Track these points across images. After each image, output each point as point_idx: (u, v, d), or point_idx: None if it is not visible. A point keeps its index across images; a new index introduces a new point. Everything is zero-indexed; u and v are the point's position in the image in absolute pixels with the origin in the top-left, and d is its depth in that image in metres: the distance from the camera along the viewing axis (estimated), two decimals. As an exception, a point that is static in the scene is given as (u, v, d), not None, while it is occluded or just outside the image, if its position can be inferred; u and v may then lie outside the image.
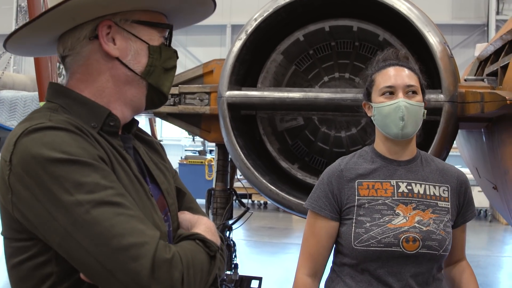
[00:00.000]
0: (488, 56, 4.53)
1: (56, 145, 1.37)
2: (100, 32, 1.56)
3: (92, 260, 1.33)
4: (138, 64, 1.61)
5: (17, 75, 12.61)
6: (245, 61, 4.00)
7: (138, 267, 1.32)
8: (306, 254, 2.45)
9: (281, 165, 4.10)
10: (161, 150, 1.86)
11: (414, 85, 2.34)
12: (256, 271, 5.70)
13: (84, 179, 1.36)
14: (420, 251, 2.27)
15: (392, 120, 2.33)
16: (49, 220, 1.35)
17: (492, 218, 15.31)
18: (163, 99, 1.72)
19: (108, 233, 1.33)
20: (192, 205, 1.83)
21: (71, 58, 1.59)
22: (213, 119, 4.21)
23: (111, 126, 1.57)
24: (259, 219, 14.28)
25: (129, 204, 1.40)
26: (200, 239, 1.54)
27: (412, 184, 2.36)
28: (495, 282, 8.64)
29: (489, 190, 4.72)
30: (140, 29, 1.61)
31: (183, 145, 20.33)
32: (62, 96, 1.57)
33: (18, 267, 1.47)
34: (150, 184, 1.65)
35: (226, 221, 4.71)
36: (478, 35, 19.34)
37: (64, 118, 1.47)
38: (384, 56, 2.48)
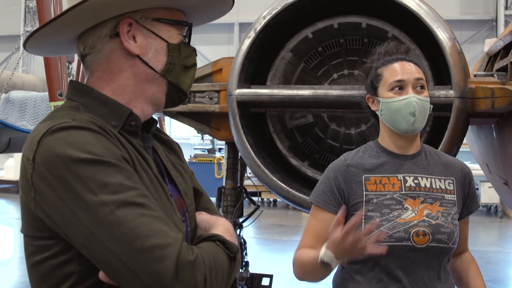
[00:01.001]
0: (497, 52, 4.52)
1: (80, 145, 1.38)
2: (121, 29, 1.56)
3: (115, 260, 1.33)
4: (158, 62, 1.62)
5: (26, 75, 12.68)
6: (254, 59, 4.00)
7: (162, 269, 1.32)
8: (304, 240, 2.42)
9: (291, 162, 4.10)
10: (178, 150, 1.87)
11: (423, 79, 2.35)
12: (267, 268, 5.70)
13: (108, 179, 1.36)
14: (430, 245, 2.27)
15: (402, 115, 2.33)
16: (73, 219, 1.35)
17: (503, 214, 15.26)
18: (183, 97, 1.72)
19: (132, 233, 1.33)
20: (209, 206, 1.83)
21: (92, 57, 1.59)
22: (222, 117, 4.21)
23: (132, 125, 1.57)
24: (269, 216, 14.28)
25: (152, 205, 1.40)
26: (220, 241, 1.54)
27: (419, 178, 2.37)
28: (506, 278, 8.61)
29: (500, 186, 4.71)
30: (160, 27, 1.62)
31: (192, 143, 20.37)
32: (83, 94, 1.58)
33: (39, 266, 1.47)
34: (168, 185, 1.65)
35: (237, 219, 4.72)
36: (486, 31, 19.27)
37: (87, 118, 1.48)
38: (386, 49, 2.48)
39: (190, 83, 1.72)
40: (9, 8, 22.31)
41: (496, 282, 7.87)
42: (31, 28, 18.08)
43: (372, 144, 2.49)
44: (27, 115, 7.84)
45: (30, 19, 17.51)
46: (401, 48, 2.46)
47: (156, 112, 1.71)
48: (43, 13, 5.02)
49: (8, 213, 14.61)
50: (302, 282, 2.47)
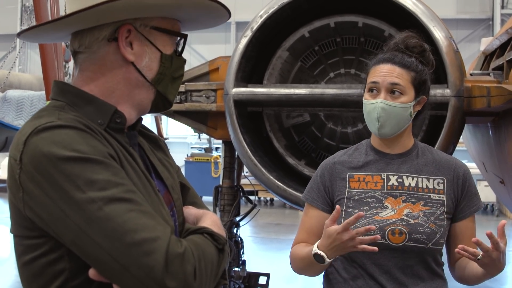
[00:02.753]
0: (493, 51, 4.53)
1: (66, 143, 1.39)
2: (120, 35, 1.57)
3: (106, 256, 1.35)
4: (150, 71, 1.64)
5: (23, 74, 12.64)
6: (251, 58, 4.01)
7: (152, 262, 1.34)
8: (299, 237, 2.49)
9: (288, 161, 4.11)
10: (164, 146, 1.88)
11: (400, 85, 2.30)
12: (264, 267, 5.71)
13: (95, 176, 1.37)
14: (407, 244, 2.26)
15: (371, 119, 2.35)
16: (62, 217, 1.37)
17: (499, 213, 15.27)
18: (167, 106, 1.75)
19: (121, 229, 1.34)
20: (196, 200, 1.85)
21: (86, 56, 1.60)
22: (219, 116, 4.22)
23: (117, 123, 1.58)
24: (265, 215, 14.28)
25: (140, 200, 1.42)
26: (207, 233, 1.56)
27: (404, 177, 2.37)
28: (503, 276, 8.62)
29: (496, 184, 4.73)
30: (156, 35, 1.63)
31: (189, 142, 20.33)
32: (68, 94, 1.59)
33: (30, 265, 1.48)
34: (155, 180, 1.67)
35: (234, 218, 4.73)
36: (483, 30, 19.27)
37: (72, 116, 1.49)
38: (389, 46, 2.44)
39: (176, 93, 1.76)
40: (5, 7, 22.24)
41: (493, 281, 7.87)
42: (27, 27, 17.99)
43: (364, 143, 2.52)
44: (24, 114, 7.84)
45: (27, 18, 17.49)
46: (409, 44, 2.40)
47: (139, 116, 1.72)
48: (40, 12, 5.01)
49: (5, 212, 14.58)
50: (298, 281, 2.50)
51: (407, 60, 2.36)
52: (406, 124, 2.37)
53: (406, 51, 2.39)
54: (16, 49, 9.25)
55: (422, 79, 2.37)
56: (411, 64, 2.35)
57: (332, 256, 2.17)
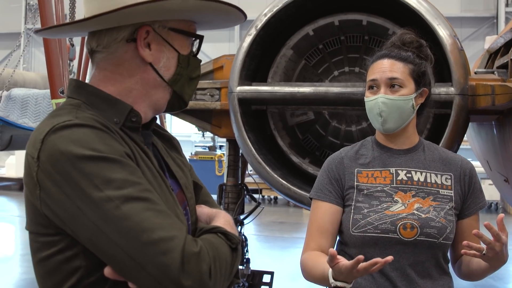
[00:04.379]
0: (498, 49, 4.52)
1: (84, 142, 1.40)
2: (139, 36, 1.58)
3: (122, 254, 1.36)
4: (167, 71, 1.65)
5: (27, 73, 12.67)
6: (255, 56, 4.01)
7: (168, 261, 1.35)
8: (310, 238, 2.41)
9: (292, 159, 4.11)
10: (177, 145, 1.89)
11: (398, 78, 2.31)
12: (268, 265, 5.72)
13: (113, 175, 1.38)
14: (419, 239, 2.25)
15: (373, 115, 2.35)
16: (79, 215, 1.38)
17: (503, 211, 15.24)
18: (183, 106, 1.76)
19: (138, 227, 1.36)
20: (208, 199, 1.86)
21: (104, 56, 1.61)
22: (223, 115, 4.22)
23: (133, 122, 1.59)
24: (269, 214, 14.29)
25: (156, 199, 1.43)
26: (221, 232, 1.56)
27: (412, 172, 2.36)
28: (506, 275, 8.61)
29: (500, 183, 4.72)
30: (174, 36, 1.64)
31: (193, 141, 20.36)
32: (84, 92, 1.60)
33: (45, 262, 1.49)
34: (169, 179, 1.68)
35: (238, 216, 4.74)
36: (487, 28, 19.25)
37: (89, 115, 1.50)
38: (387, 44, 2.46)
39: (192, 93, 1.76)
40: (10, 6, 22.30)
41: (497, 279, 7.87)
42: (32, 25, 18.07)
43: (370, 139, 2.51)
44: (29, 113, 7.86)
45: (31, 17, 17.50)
46: (405, 39, 2.41)
47: (155, 115, 1.74)
48: (44, 11, 5.02)
49: (9, 210, 14.63)
50: (302, 279, 2.46)
51: (403, 54, 2.37)
52: (410, 117, 2.36)
53: (403, 47, 2.40)
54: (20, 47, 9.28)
55: (421, 71, 2.37)
56: (408, 57, 2.36)
57: (351, 281, 2.05)
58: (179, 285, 1.36)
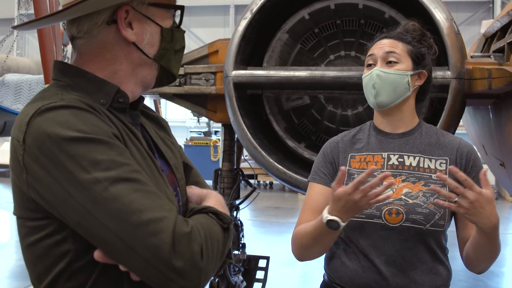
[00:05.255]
0: (494, 33, 4.50)
1: (70, 124, 1.38)
2: (119, 17, 1.56)
3: (112, 236, 1.34)
4: (152, 48, 1.63)
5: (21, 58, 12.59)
6: (251, 40, 3.98)
7: (159, 242, 1.33)
8: (302, 216, 2.40)
9: (288, 144, 4.10)
10: (166, 125, 1.88)
11: (395, 52, 2.32)
12: (264, 250, 5.72)
13: (100, 156, 1.36)
14: (404, 225, 2.22)
15: (368, 89, 2.36)
16: (67, 198, 1.36)
17: (498, 196, 15.34)
18: (171, 79, 1.75)
19: (127, 209, 1.34)
20: (198, 179, 1.85)
21: (85, 41, 1.58)
22: (219, 99, 4.20)
23: (120, 102, 1.58)
24: (265, 199, 14.33)
25: (145, 180, 1.41)
26: (212, 212, 1.55)
27: (405, 156, 2.34)
28: (501, 259, 8.65)
29: (496, 167, 4.72)
30: (154, 11, 1.62)
31: (188, 126, 20.34)
32: (69, 74, 1.58)
33: (34, 246, 1.48)
34: (159, 160, 1.66)
35: (233, 201, 4.73)
36: (483, 12, 19.23)
37: (75, 97, 1.48)
38: (389, 31, 2.47)
39: (179, 65, 1.75)
40: (2, -9, 22.15)
41: (492, 263, 7.90)
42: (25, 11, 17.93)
43: (368, 123, 2.51)
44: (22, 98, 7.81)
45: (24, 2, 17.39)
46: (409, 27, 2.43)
47: (144, 92, 1.73)
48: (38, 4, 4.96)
49: (4, 197, 14.62)
50: (298, 264, 2.47)
51: (403, 36, 2.39)
52: (404, 94, 2.34)
53: (405, 33, 2.42)
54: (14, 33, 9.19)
55: (420, 53, 2.38)
56: (407, 38, 2.38)
57: (346, 219, 2.06)
58: (171, 266, 1.34)
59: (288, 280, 7.17)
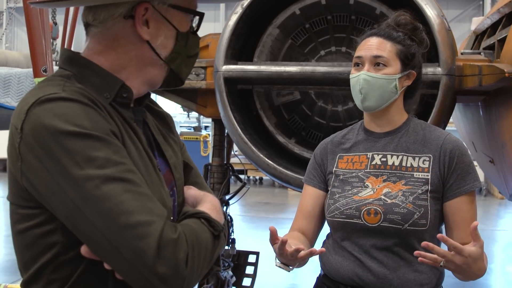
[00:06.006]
0: (484, 30, 4.52)
1: (69, 117, 1.36)
2: (137, 13, 1.53)
3: (99, 235, 1.33)
4: (164, 49, 1.60)
5: (10, 52, 12.50)
6: (241, 35, 3.97)
7: (144, 246, 1.32)
8: (294, 220, 2.48)
9: (278, 139, 4.09)
10: (170, 122, 1.86)
11: (383, 57, 2.28)
12: (253, 246, 5.71)
13: (95, 153, 1.35)
14: (382, 225, 2.21)
15: (355, 92, 2.34)
16: (58, 192, 1.35)
17: (487, 193, 15.41)
18: (179, 83, 1.72)
19: (117, 209, 1.32)
20: (198, 180, 1.83)
21: (99, 30, 1.56)
22: (209, 94, 4.18)
23: (124, 97, 1.56)
24: (255, 194, 14.32)
25: (139, 181, 1.40)
26: (205, 218, 1.53)
27: (388, 156, 2.33)
28: (489, 255, 8.64)
29: (485, 163, 4.74)
30: (173, 13, 1.59)
31: (178, 121, 20.30)
32: (76, 64, 1.56)
33: (23, 234, 1.47)
34: (158, 158, 1.64)
35: (223, 196, 4.72)
36: (473, 9, 19.28)
37: (77, 89, 1.46)
38: (381, 26, 2.42)
39: (189, 71, 1.72)
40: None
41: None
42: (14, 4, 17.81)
43: (359, 123, 2.50)
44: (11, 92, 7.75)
45: (14, -5, 17.30)
46: (399, 20, 2.39)
47: (150, 90, 1.70)
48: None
49: (-7, 190, 14.52)
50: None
51: (393, 34, 2.34)
52: (392, 98, 2.32)
53: (396, 28, 2.37)
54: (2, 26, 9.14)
55: (409, 53, 2.33)
56: (397, 37, 2.33)
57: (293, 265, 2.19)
58: (154, 271, 1.33)
59: (278, 275, 7.16)
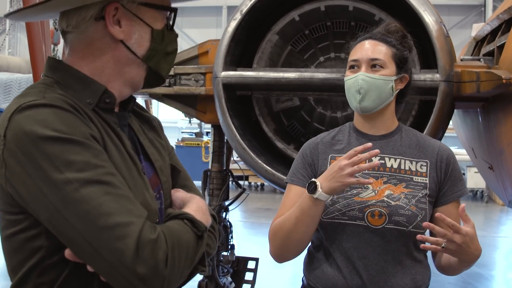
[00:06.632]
0: (484, 36, 4.52)
1: (48, 123, 1.39)
2: (107, 14, 1.56)
3: (79, 237, 1.36)
4: (140, 47, 1.63)
5: (11, 57, 12.55)
6: (241, 41, 3.98)
7: (123, 247, 1.35)
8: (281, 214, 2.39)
9: (277, 145, 4.09)
10: (158, 126, 1.88)
11: (380, 59, 2.31)
12: (253, 252, 5.71)
13: (74, 157, 1.38)
14: (387, 226, 2.22)
15: (352, 93, 2.35)
16: (40, 196, 1.38)
17: (489, 199, 15.38)
18: (160, 81, 1.75)
19: (96, 211, 1.35)
20: (187, 183, 1.85)
21: (74, 36, 1.59)
22: (208, 100, 4.19)
23: (106, 103, 1.58)
24: (256, 200, 14.33)
25: (119, 183, 1.42)
26: (188, 219, 1.55)
27: (386, 158, 2.34)
28: (491, 262, 8.68)
29: (485, 170, 4.73)
30: (145, 11, 1.61)
31: (180, 127, 20.34)
32: (59, 71, 1.58)
33: (10, 239, 1.51)
34: (143, 162, 1.66)
35: (222, 202, 4.72)
36: (475, 16, 19.30)
37: (58, 96, 1.49)
38: (372, 31, 2.45)
39: (170, 68, 1.74)
40: (-6, -11, 22.05)
41: (481, 266, 7.93)
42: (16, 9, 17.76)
43: (348, 125, 2.51)
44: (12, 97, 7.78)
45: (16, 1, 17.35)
46: (390, 28, 2.42)
47: (133, 92, 1.72)
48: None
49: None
50: (287, 265, 2.45)
51: (387, 38, 2.38)
52: (388, 99, 2.34)
53: (388, 35, 2.41)
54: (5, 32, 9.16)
55: (403, 56, 2.38)
56: (392, 41, 2.38)
57: (325, 186, 2.11)
58: (134, 272, 1.35)
59: (277, 282, 7.16)
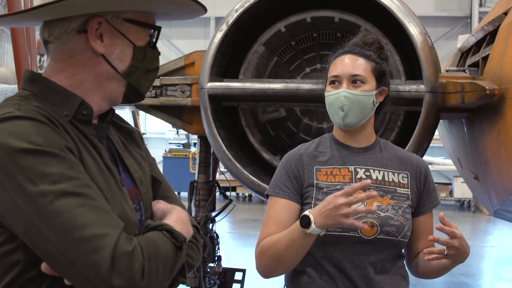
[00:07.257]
0: (470, 47, 4.55)
1: (23, 135, 1.38)
2: (90, 27, 1.55)
3: (55, 250, 1.34)
4: (121, 63, 1.62)
5: (-2, 68, 12.49)
6: (227, 53, 3.98)
7: (98, 259, 1.33)
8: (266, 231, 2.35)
9: (264, 156, 4.09)
10: (138, 138, 1.86)
11: (361, 75, 2.32)
12: (240, 263, 5.69)
13: (49, 169, 1.36)
14: (378, 237, 2.26)
15: (334, 109, 2.34)
16: (15, 209, 1.36)
17: (475, 209, 15.43)
18: (139, 98, 1.74)
19: (71, 223, 1.34)
20: (168, 194, 1.84)
21: (56, 46, 1.58)
22: (194, 111, 4.19)
23: (83, 114, 1.57)
24: (243, 211, 14.30)
25: (94, 195, 1.41)
26: (167, 230, 1.54)
27: (371, 170, 2.37)
28: (478, 272, 8.71)
29: (471, 180, 4.75)
30: (129, 27, 1.61)
31: (167, 138, 20.26)
32: (36, 83, 1.57)
33: None
34: (122, 173, 1.65)
35: (209, 213, 4.70)
36: (461, 27, 19.44)
37: (33, 108, 1.47)
38: (348, 45, 2.46)
39: (149, 85, 1.74)
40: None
41: (468, 276, 7.95)
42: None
43: (327, 136, 2.50)
44: (-2, 108, 7.77)
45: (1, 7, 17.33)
46: (367, 39, 2.44)
47: (112, 106, 1.71)
48: (12, 4, 4.94)
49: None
50: (275, 278, 2.43)
51: (366, 52, 2.39)
52: (370, 114, 2.36)
53: (365, 47, 2.42)
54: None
55: (382, 70, 2.39)
56: (370, 55, 2.38)
57: (319, 222, 2.06)
58: (109, 284, 1.34)
59: (265, 293, 7.14)
